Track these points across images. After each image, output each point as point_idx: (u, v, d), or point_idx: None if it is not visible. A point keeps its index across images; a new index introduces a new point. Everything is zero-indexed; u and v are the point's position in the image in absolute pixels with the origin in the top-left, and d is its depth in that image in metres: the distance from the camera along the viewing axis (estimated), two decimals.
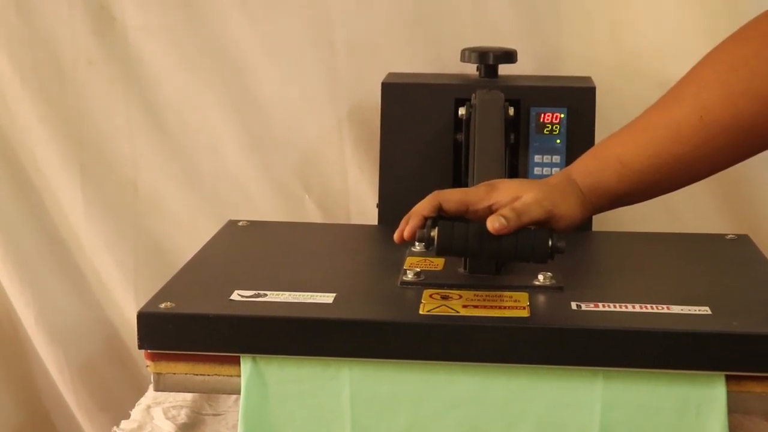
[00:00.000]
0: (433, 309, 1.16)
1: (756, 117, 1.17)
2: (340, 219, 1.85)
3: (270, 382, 1.16)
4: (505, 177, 1.31)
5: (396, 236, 1.19)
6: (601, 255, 1.45)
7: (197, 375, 1.18)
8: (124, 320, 1.91)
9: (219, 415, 1.34)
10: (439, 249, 1.17)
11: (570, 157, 1.53)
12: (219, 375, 1.17)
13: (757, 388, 1.13)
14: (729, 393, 1.12)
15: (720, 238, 1.47)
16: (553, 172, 1.52)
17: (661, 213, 1.72)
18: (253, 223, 1.53)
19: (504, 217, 1.15)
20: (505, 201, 1.18)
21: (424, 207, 1.19)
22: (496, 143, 1.36)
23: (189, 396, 1.35)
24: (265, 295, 1.20)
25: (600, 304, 1.17)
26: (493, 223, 1.15)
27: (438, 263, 1.30)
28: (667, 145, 1.20)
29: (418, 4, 1.77)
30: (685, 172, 1.23)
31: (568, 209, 1.20)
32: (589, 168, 1.24)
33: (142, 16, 1.80)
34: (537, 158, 1.55)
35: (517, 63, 1.63)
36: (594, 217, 1.33)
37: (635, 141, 1.23)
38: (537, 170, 1.55)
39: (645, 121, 1.24)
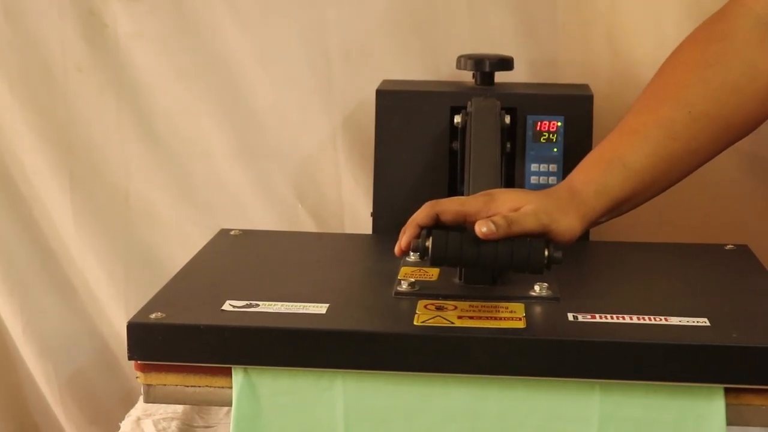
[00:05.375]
0: (428, 320, 1.15)
1: (735, 107, 1.28)
2: (334, 228, 1.84)
3: (262, 393, 1.15)
4: (501, 185, 1.31)
5: (396, 249, 1.19)
6: (599, 265, 1.44)
7: (188, 386, 1.17)
8: (113, 331, 1.90)
9: (210, 427, 1.33)
10: (433, 259, 1.16)
11: (567, 165, 1.52)
12: (210, 386, 1.16)
13: (756, 400, 1.12)
14: (728, 406, 1.12)
15: (719, 248, 1.46)
16: (550, 181, 1.52)
17: (659, 222, 1.71)
18: (245, 232, 1.52)
19: (494, 223, 1.15)
20: (504, 212, 1.18)
21: (420, 217, 1.19)
22: (492, 151, 1.35)
23: (180, 408, 1.35)
24: (257, 305, 1.19)
25: (597, 316, 1.16)
26: (480, 227, 1.14)
27: (433, 273, 1.29)
28: (662, 143, 1.27)
29: (414, 11, 1.76)
30: (677, 169, 1.29)
31: (567, 225, 1.20)
32: (591, 175, 1.26)
33: (133, 22, 1.79)
34: (534, 167, 1.55)
35: (514, 70, 1.62)
36: None
37: (632, 143, 1.27)
38: (534, 179, 1.54)
39: (635, 124, 1.29)
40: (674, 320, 1.15)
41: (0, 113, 1.82)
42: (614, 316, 1.16)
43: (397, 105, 1.57)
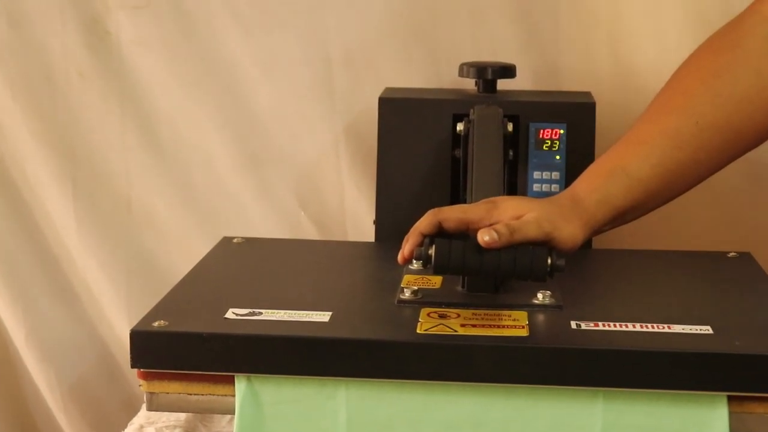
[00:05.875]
0: (431, 328, 1.15)
1: (743, 118, 1.26)
2: (337, 236, 1.83)
3: (265, 401, 1.15)
4: (504, 193, 1.31)
5: (399, 257, 1.19)
6: (601, 273, 1.44)
7: (191, 394, 1.16)
8: (116, 338, 1.89)
9: None
10: (436, 267, 1.16)
11: (570, 173, 1.52)
12: (213, 394, 1.16)
13: (760, 408, 1.12)
14: (731, 414, 1.11)
15: (722, 256, 1.45)
16: (553, 189, 1.52)
17: (662, 230, 1.71)
18: (248, 240, 1.52)
19: (496, 231, 1.15)
20: (506, 220, 1.17)
21: (423, 225, 1.18)
22: (494, 159, 1.35)
23: (182, 416, 1.34)
24: (260, 313, 1.19)
25: (600, 324, 1.16)
26: (483, 236, 1.14)
27: (436, 281, 1.28)
28: (668, 153, 1.25)
29: (416, 19, 1.76)
30: (684, 180, 1.28)
31: (569, 233, 1.20)
32: (594, 184, 1.25)
33: (136, 29, 1.78)
34: (536, 174, 1.54)
35: (516, 78, 1.62)
36: None
37: (637, 153, 1.26)
38: (536, 187, 1.54)
39: (641, 133, 1.28)
40: (677, 328, 1.15)
41: (2, 120, 1.82)
42: (617, 324, 1.16)
43: (399, 113, 1.57)
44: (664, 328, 1.15)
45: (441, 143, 1.56)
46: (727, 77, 1.27)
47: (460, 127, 1.49)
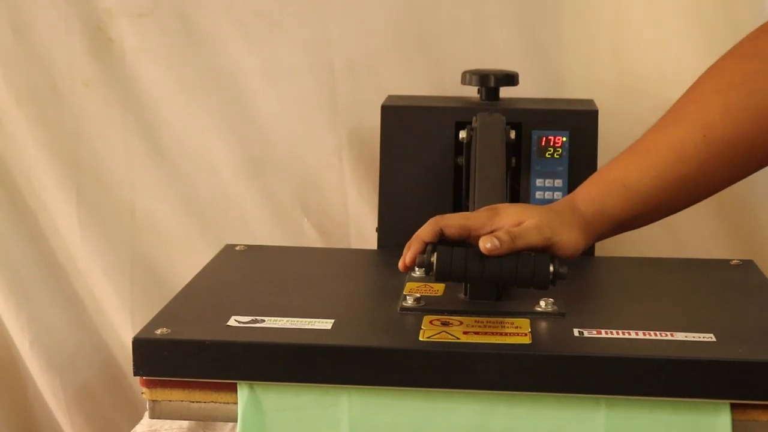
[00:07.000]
0: (434, 335, 1.15)
1: (757, 133, 1.19)
2: (340, 243, 1.83)
3: (267, 409, 1.15)
4: (506, 201, 1.31)
5: (400, 265, 1.19)
6: (604, 281, 1.44)
7: (193, 402, 1.16)
8: (120, 345, 1.90)
9: None
10: (438, 274, 1.16)
11: (572, 180, 1.52)
12: (215, 402, 1.16)
13: (763, 416, 1.12)
14: (734, 421, 1.11)
15: (724, 263, 1.45)
16: (555, 196, 1.52)
17: (665, 238, 1.71)
18: (250, 248, 1.52)
19: (498, 238, 1.15)
20: (507, 227, 1.17)
21: (425, 232, 1.18)
22: (497, 167, 1.35)
23: (185, 423, 1.34)
24: (263, 320, 1.19)
25: (602, 331, 1.16)
26: (485, 243, 1.15)
27: (438, 289, 1.28)
28: (671, 166, 1.22)
29: (419, 27, 1.76)
30: (689, 193, 1.24)
31: (570, 238, 1.19)
32: (593, 194, 1.24)
33: (139, 37, 1.79)
34: (539, 182, 1.54)
35: (519, 86, 1.62)
36: None
37: (638, 164, 1.23)
38: (539, 194, 1.54)
39: (647, 143, 1.25)
40: (680, 335, 1.15)
41: (7, 127, 1.83)
42: (620, 331, 1.16)
43: (402, 120, 1.57)
44: (666, 335, 1.15)
45: (443, 151, 1.56)
46: (744, 88, 1.20)
47: (462, 134, 1.49)
